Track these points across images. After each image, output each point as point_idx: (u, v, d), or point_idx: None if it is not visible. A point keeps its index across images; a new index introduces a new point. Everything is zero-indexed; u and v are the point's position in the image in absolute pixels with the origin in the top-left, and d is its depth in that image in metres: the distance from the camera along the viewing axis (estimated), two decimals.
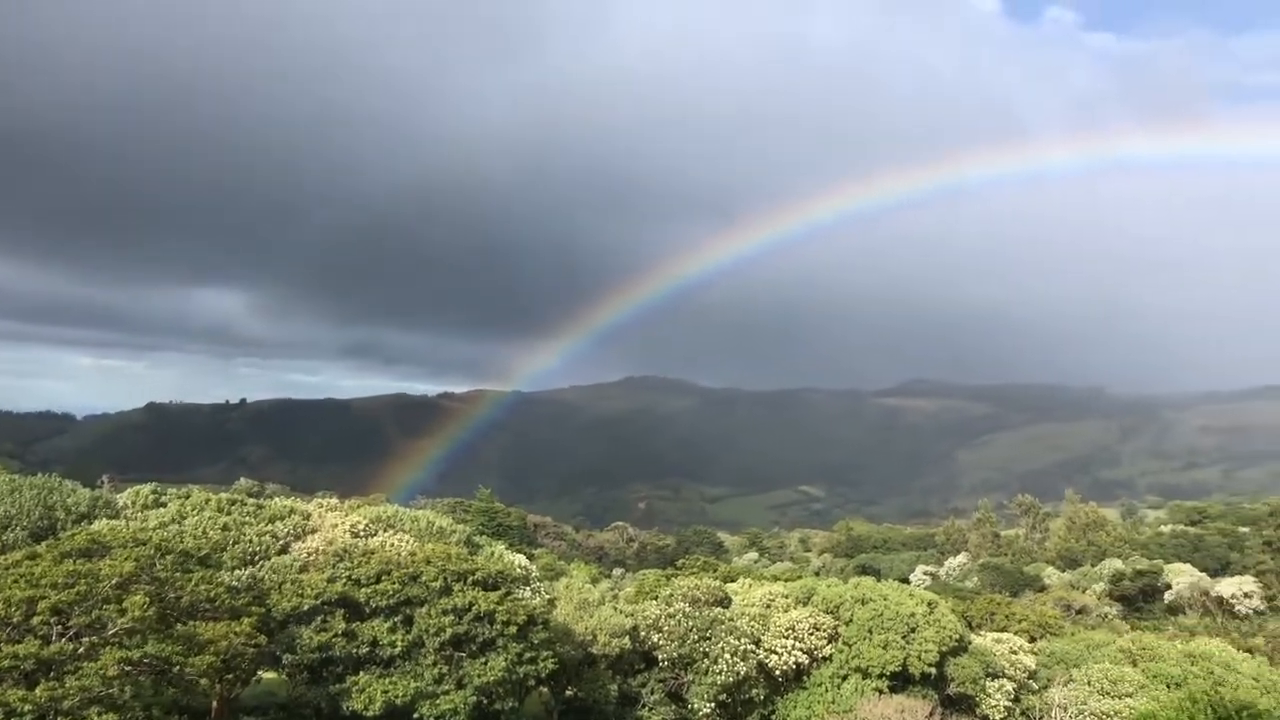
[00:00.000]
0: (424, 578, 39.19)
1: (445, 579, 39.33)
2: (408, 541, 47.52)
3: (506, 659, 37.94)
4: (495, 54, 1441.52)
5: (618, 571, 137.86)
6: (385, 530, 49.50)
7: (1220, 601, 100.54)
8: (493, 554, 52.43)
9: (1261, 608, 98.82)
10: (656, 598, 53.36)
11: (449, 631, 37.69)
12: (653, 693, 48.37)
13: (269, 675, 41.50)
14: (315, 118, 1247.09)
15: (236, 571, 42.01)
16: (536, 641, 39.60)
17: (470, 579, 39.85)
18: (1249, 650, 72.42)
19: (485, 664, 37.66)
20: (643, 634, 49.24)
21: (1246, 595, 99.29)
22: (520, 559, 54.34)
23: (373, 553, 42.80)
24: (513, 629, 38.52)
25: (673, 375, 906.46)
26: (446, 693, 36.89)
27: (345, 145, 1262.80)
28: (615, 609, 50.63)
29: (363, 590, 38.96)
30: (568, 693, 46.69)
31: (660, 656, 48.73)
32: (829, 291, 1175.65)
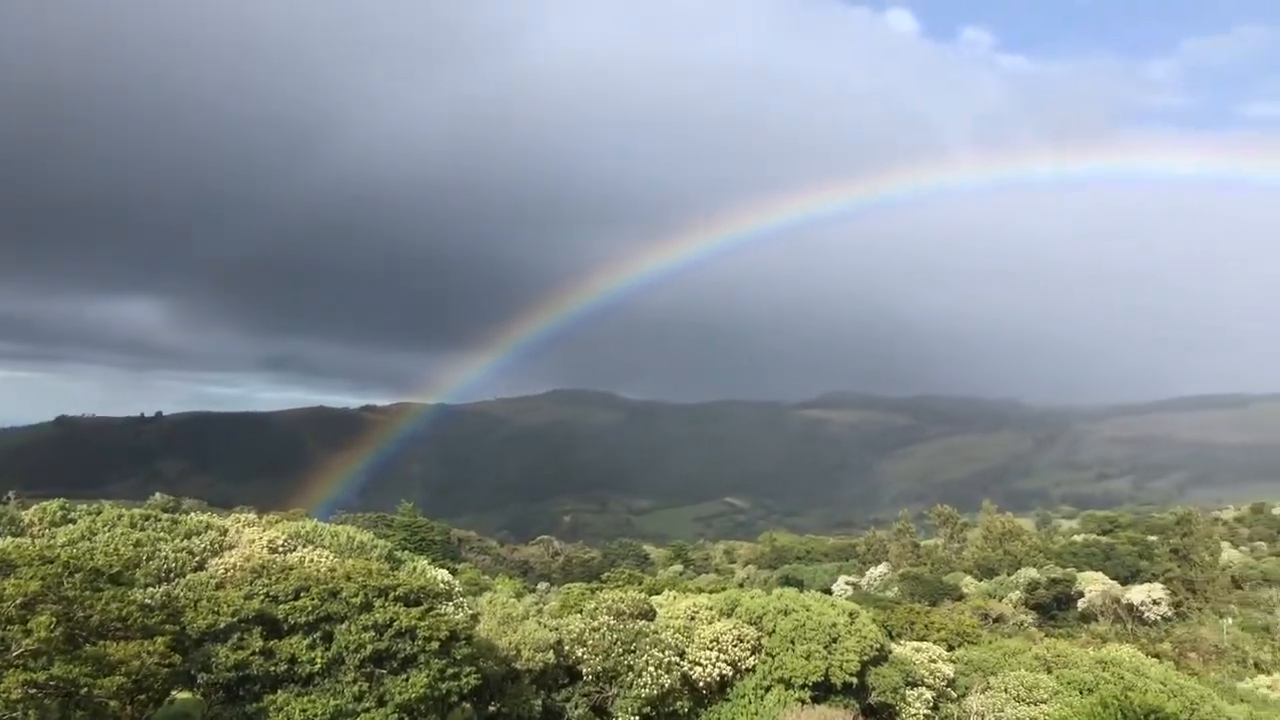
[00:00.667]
0: (344, 594, 38.58)
1: (366, 595, 38.77)
2: (328, 557, 46.77)
3: (428, 675, 37.49)
4: (420, 63, 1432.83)
5: (543, 586, 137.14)
6: (305, 546, 48.66)
7: (1130, 608, 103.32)
8: (415, 569, 51.83)
9: (1169, 614, 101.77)
10: (581, 611, 53.24)
11: (369, 648, 37.14)
12: (576, 707, 48.18)
13: (183, 695, 40.46)
14: (234, 124, 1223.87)
15: (150, 589, 40.91)
16: (459, 657, 39.20)
17: (392, 595, 39.32)
18: (1157, 655, 74.72)
19: (407, 681, 37.17)
20: (567, 648, 49.06)
21: (1155, 602, 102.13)
22: (443, 574, 53.79)
23: (292, 569, 42.02)
24: (435, 645, 38.08)
25: (599, 388, 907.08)
26: (367, 710, 36.33)
27: (265, 153, 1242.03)
28: (539, 623, 50.38)
29: (281, 607, 38.22)
30: (491, 708, 46.28)
31: (584, 670, 48.58)
32: (752, 305, 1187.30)
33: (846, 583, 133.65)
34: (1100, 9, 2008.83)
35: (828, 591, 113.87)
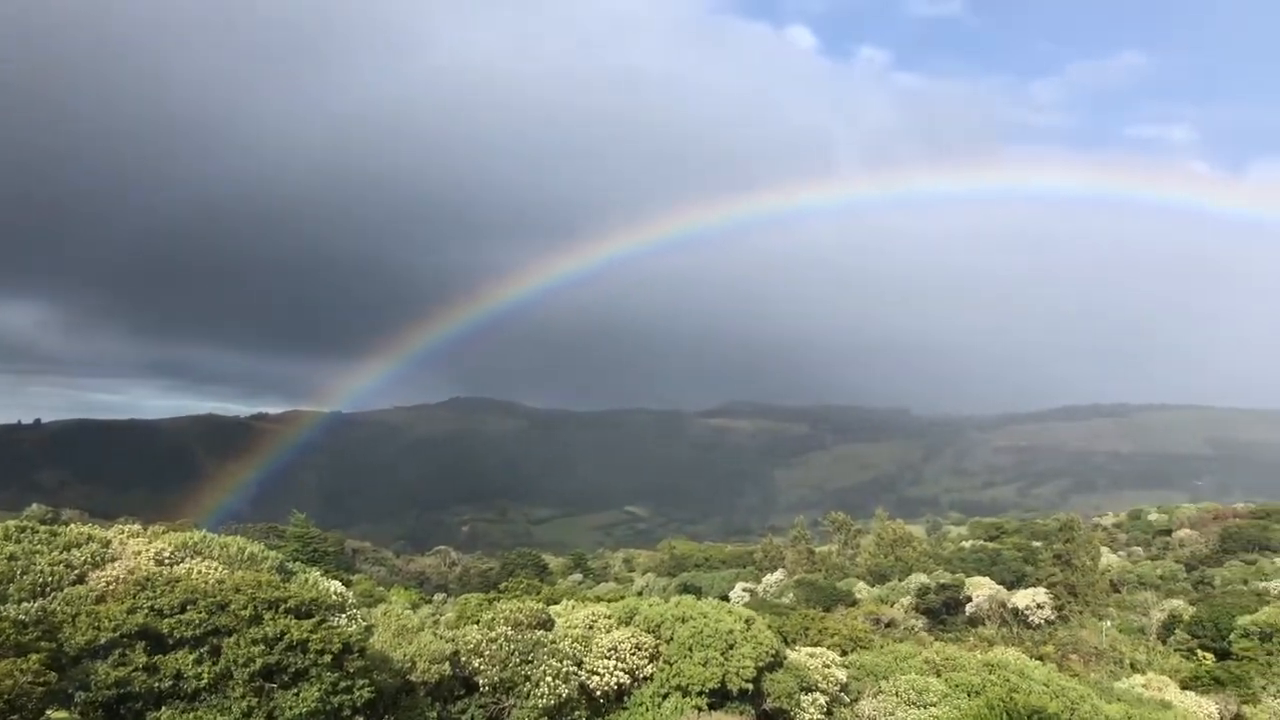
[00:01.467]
0: (233, 606, 37.59)
1: (256, 607, 37.84)
2: (216, 569, 45.45)
3: (320, 689, 36.75)
4: (313, 67, 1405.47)
5: (439, 596, 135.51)
6: (192, 557, 47.21)
7: (1015, 612, 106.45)
8: (307, 581, 50.75)
9: (1052, 617, 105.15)
10: (478, 622, 52.75)
11: (259, 662, 36.25)
12: (473, 719, 47.72)
13: (59, 715, 38.91)
14: (119, 124, 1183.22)
15: (24, 604, 39.20)
16: (352, 670, 38.49)
17: (283, 607, 38.45)
18: (1040, 658, 77.18)
19: (298, 695, 36.38)
20: (464, 659, 48.56)
21: (1039, 606, 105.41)
22: (336, 585, 52.76)
23: (178, 581, 40.75)
24: (327, 658, 37.35)
25: (499, 396, 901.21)
26: None
27: (153, 155, 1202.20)
28: (436, 634, 49.75)
29: (166, 621, 37.04)
30: None
31: (481, 681, 48.14)
32: (653, 314, 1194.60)
33: (744, 589, 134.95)
34: (992, 31, 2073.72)
35: (725, 598, 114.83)
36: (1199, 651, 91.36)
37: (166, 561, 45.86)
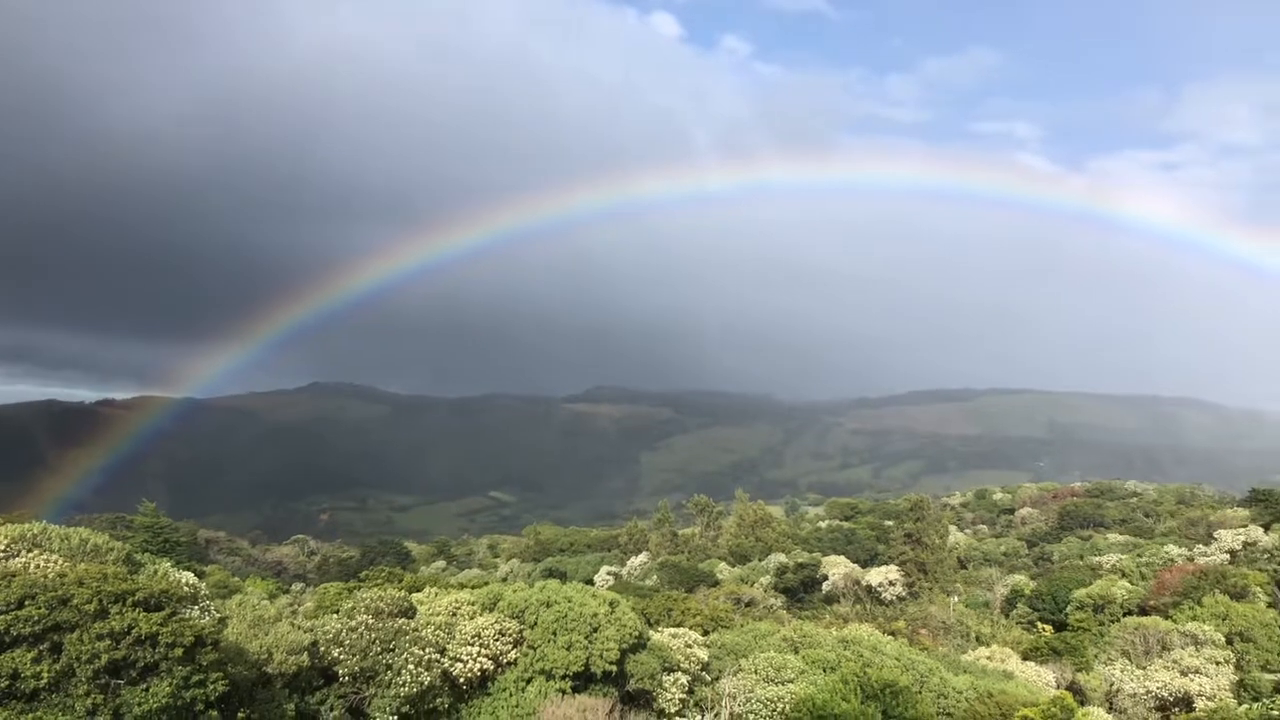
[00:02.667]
0: (75, 601, 35.96)
1: (101, 601, 36.30)
2: (57, 562, 43.39)
3: (171, 684, 35.54)
4: (163, 51, 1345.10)
5: (298, 586, 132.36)
6: (30, 550, 44.95)
7: (869, 589, 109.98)
8: (156, 572, 48.92)
9: (903, 594, 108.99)
10: (338, 611, 51.77)
11: (104, 658, 34.82)
12: (332, 709, 46.86)
13: None
14: None
15: None
16: (205, 663, 37.34)
17: (130, 600, 36.99)
18: (892, 633, 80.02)
19: (147, 691, 35.09)
20: (323, 649, 47.61)
21: (891, 583, 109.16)
22: (188, 576, 51.05)
23: (14, 575, 38.76)
24: (178, 651, 36.12)
25: (359, 382, 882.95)
26: None
27: None
28: (293, 625, 48.62)
29: (2, 618, 35.24)
30: (240, 715, 44.27)
31: (341, 672, 47.29)
32: (516, 301, 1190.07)
33: (608, 573, 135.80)
34: (852, 25, 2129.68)
35: (590, 582, 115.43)
36: (1038, 624, 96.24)
37: (2, 555, 43.58)
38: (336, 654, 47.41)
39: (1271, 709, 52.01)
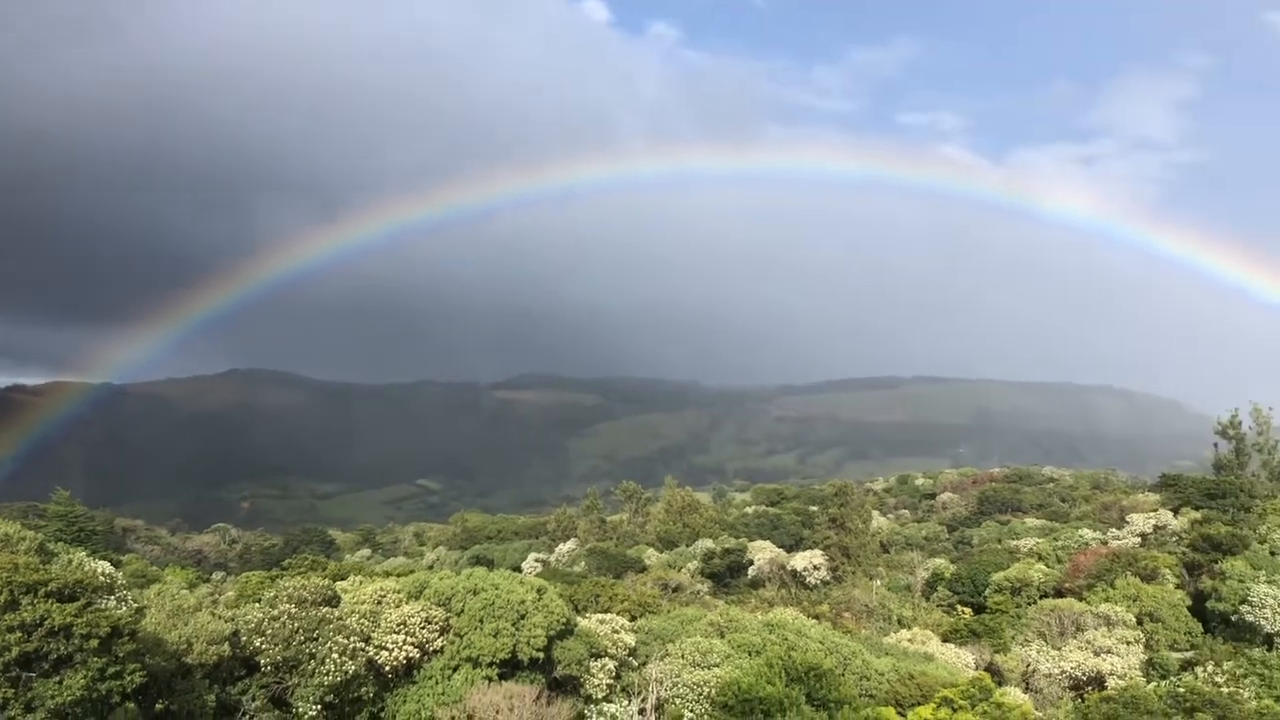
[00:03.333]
0: None
1: (12, 592, 35.31)
2: None
3: (86, 676, 34.71)
4: (79, 29, 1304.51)
5: (219, 575, 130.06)
6: None
7: (794, 574, 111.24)
8: (71, 562, 47.73)
9: (827, 578, 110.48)
10: (260, 600, 51.02)
11: (15, 650, 33.89)
12: (254, 699, 46.18)
13: None
14: None
15: None
16: (122, 654, 36.55)
17: (42, 590, 36.03)
18: (817, 617, 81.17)
19: (60, 683, 34.24)
20: (244, 639, 46.90)
21: (815, 568, 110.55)
22: (104, 566, 49.90)
23: None
24: (94, 642, 35.30)
25: (282, 368, 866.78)
26: (13, 718, 33.17)
27: None
28: (214, 615, 47.83)
29: None
30: (158, 707, 43.42)
31: (263, 661, 46.63)
32: (443, 286, 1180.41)
33: (536, 560, 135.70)
34: (779, 13, 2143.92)
35: (518, 569, 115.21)
36: (958, 606, 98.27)
37: None
38: (258, 643, 46.73)
39: (1178, 686, 53.84)
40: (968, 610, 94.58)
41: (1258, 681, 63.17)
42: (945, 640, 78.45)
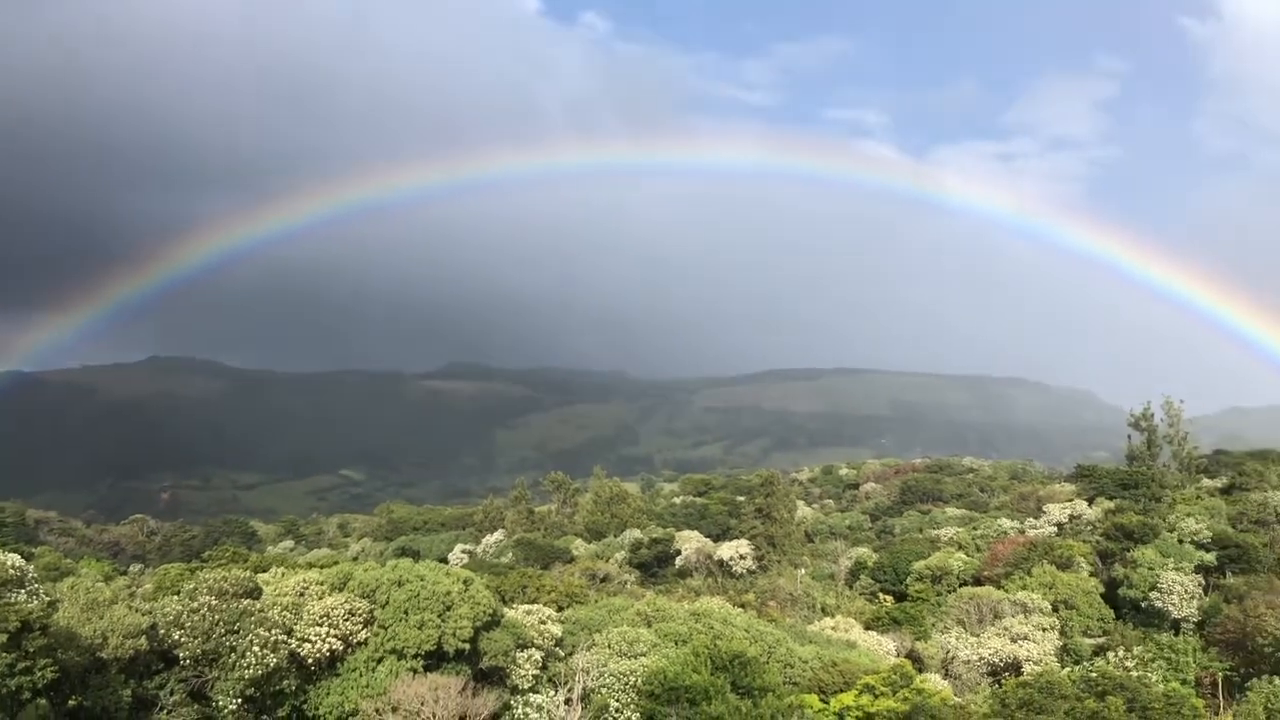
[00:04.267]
0: None
1: None
2: None
3: None
4: None
5: (136, 567, 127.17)
6: None
7: (721, 563, 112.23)
8: None
9: (753, 567, 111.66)
10: (179, 593, 50.02)
11: None
12: (172, 694, 45.29)
13: None
14: None
15: None
16: (33, 649, 35.67)
17: None
18: (742, 605, 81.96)
19: None
20: (162, 632, 45.96)
21: (741, 557, 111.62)
22: (14, 559, 48.44)
23: None
24: (2, 637, 34.35)
25: (202, 356, 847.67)
26: None
27: None
28: (131, 608, 46.80)
29: None
30: (71, 702, 42.39)
31: (182, 655, 45.75)
32: (367, 275, 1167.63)
33: (463, 551, 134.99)
34: (709, 7, 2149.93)
35: (444, 561, 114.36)
36: (880, 594, 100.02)
37: None
38: (177, 636, 45.85)
39: (1090, 671, 55.43)
40: (889, 598, 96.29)
41: (1165, 665, 65.49)
42: (868, 628, 79.81)
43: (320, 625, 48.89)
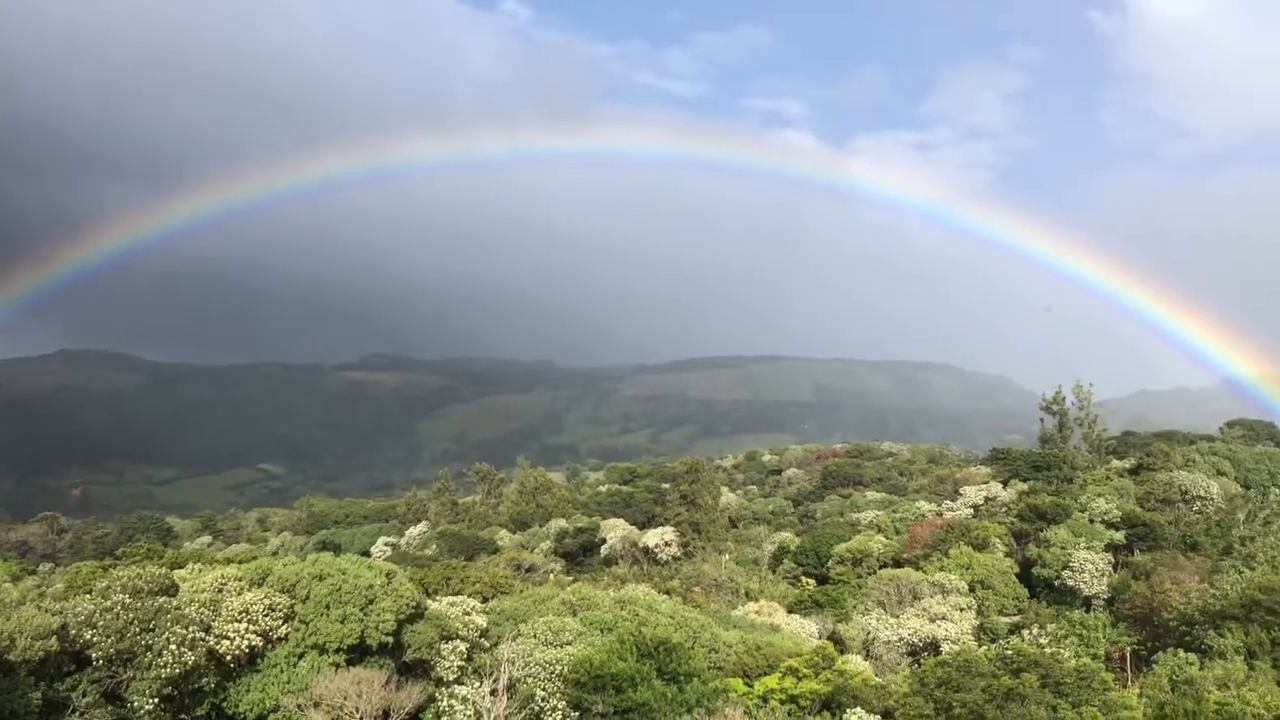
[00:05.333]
0: None
1: None
2: None
3: None
4: None
5: (46, 566, 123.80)
6: None
7: (646, 551, 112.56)
8: None
9: (678, 554, 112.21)
10: (91, 591, 48.79)
11: None
12: (85, 695, 44.20)
13: None
14: None
15: None
16: None
17: None
18: (668, 592, 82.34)
19: None
20: (74, 632, 44.82)
21: (667, 544, 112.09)
22: None
23: None
24: None
25: (114, 349, 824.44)
26: None
27: None
28: (40, 608, 45.60)
29: None
30: None
31: (95, 655, 44.66)
32: (286, 266, 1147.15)
33: (386, 544, 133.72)
34: None
35: (367, 554, 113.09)
36: (803, 578, 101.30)
37: None
38: (90, 636, 44.77)
39: (1006, 649, 56.86)
40: (812, 581, 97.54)
41: (1077, 641, 67.43)
42: (791, 611, 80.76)
43: (239, 621, 48.11)
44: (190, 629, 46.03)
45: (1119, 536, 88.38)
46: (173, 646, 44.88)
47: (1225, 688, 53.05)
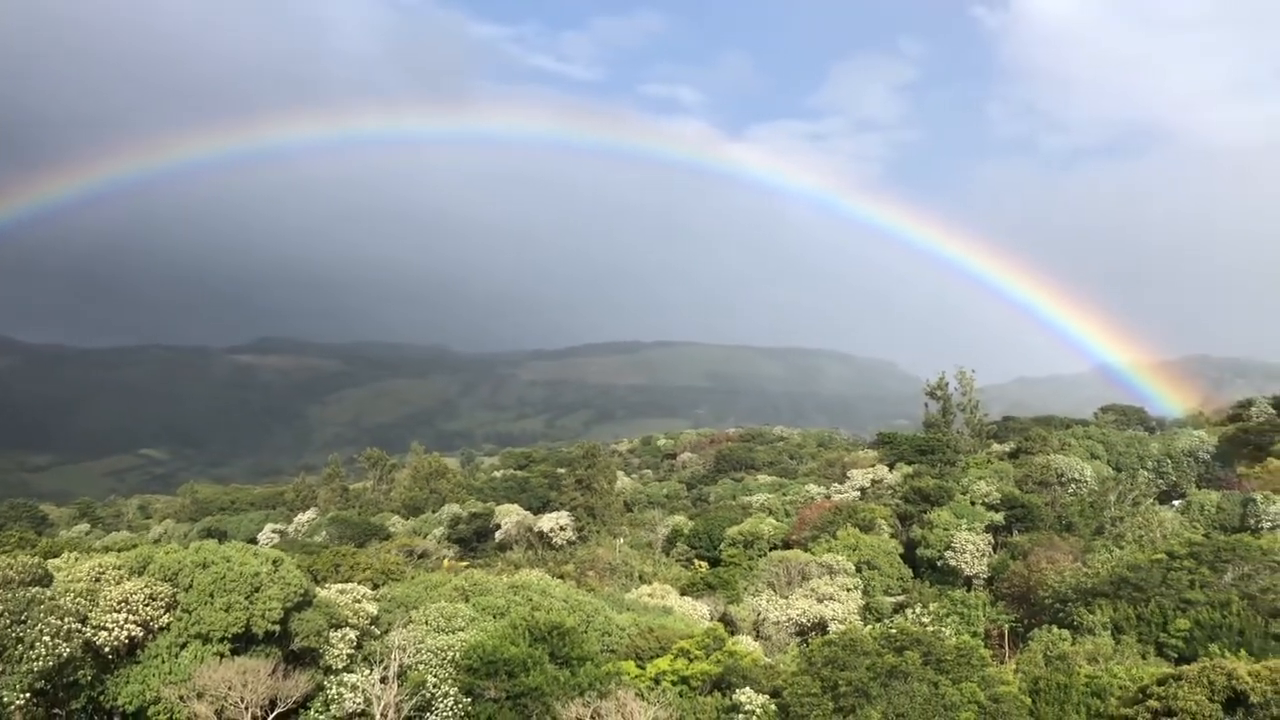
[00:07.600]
0: None
1: None
2: None
3: None
4: None
5: None
6: None
7: (541, 535, 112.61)
8: None
9: (573, 538, 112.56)
10: None
11: None
12: None
13: None
14: None
15: None
16: None
17: None
18: (562, 576, 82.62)
19: None
20: None
21: (562, 528, 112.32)
22: None
23: None
24: None
25: None
26: None
27: None
28: None
29: None
30: None
31: None
32: (168, 246, 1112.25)
33: (273, 531, 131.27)
34: None
35: (254, 541, 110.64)
36: (696, 561, 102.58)
37: None
38: None
39: (890, 628, 58.49)
40: (704, 564, 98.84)
41: (958, 620, 69.77)
42: (683, 593, 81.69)
43: (118, 611, 46.73)
44: (65, 620, 44.51)
45: (999, 518, 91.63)
46: (46, 638, 43.34)
47: (1095, 661, 55.54)
